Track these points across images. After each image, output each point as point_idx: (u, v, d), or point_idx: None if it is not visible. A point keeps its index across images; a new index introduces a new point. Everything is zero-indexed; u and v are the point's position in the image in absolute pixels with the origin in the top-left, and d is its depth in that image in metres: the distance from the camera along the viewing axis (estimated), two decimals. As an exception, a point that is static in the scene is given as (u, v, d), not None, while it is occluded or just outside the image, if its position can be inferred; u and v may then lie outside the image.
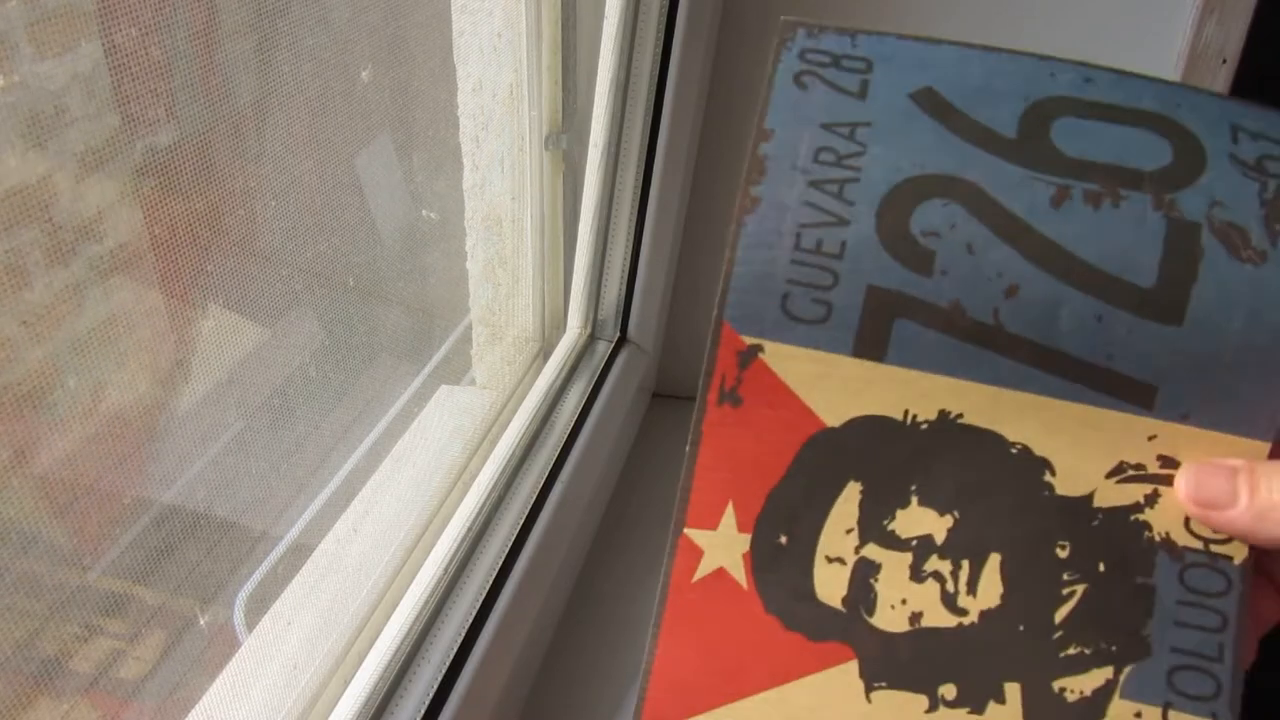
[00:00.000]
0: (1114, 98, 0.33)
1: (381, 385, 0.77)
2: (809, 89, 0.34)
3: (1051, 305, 0.31)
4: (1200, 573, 0.32)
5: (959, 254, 0.32)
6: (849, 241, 0.32)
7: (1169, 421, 0.32)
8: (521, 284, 0.84)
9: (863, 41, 0.35)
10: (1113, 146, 0.33)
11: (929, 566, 0.32)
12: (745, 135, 0.31)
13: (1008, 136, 0.33)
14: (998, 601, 0.32)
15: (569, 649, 0.69)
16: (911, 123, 0.33)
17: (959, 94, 0.33)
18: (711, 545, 0.32)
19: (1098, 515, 0.32)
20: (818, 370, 0.32)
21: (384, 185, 0.72)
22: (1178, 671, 0.31)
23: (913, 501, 0.32)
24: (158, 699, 0.57)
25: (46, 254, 0.42)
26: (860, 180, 0.32)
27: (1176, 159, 0.32)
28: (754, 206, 0.32)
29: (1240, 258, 0.31)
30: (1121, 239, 0.32)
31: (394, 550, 0.64)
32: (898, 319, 0.32)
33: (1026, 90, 0.33)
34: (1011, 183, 0.32)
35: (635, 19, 0.76)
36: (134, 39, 0.42)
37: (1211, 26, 0.81)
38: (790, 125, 0.34)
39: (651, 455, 0.91)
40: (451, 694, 0.54)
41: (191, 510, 0.55)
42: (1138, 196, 0.32)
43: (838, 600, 0.32)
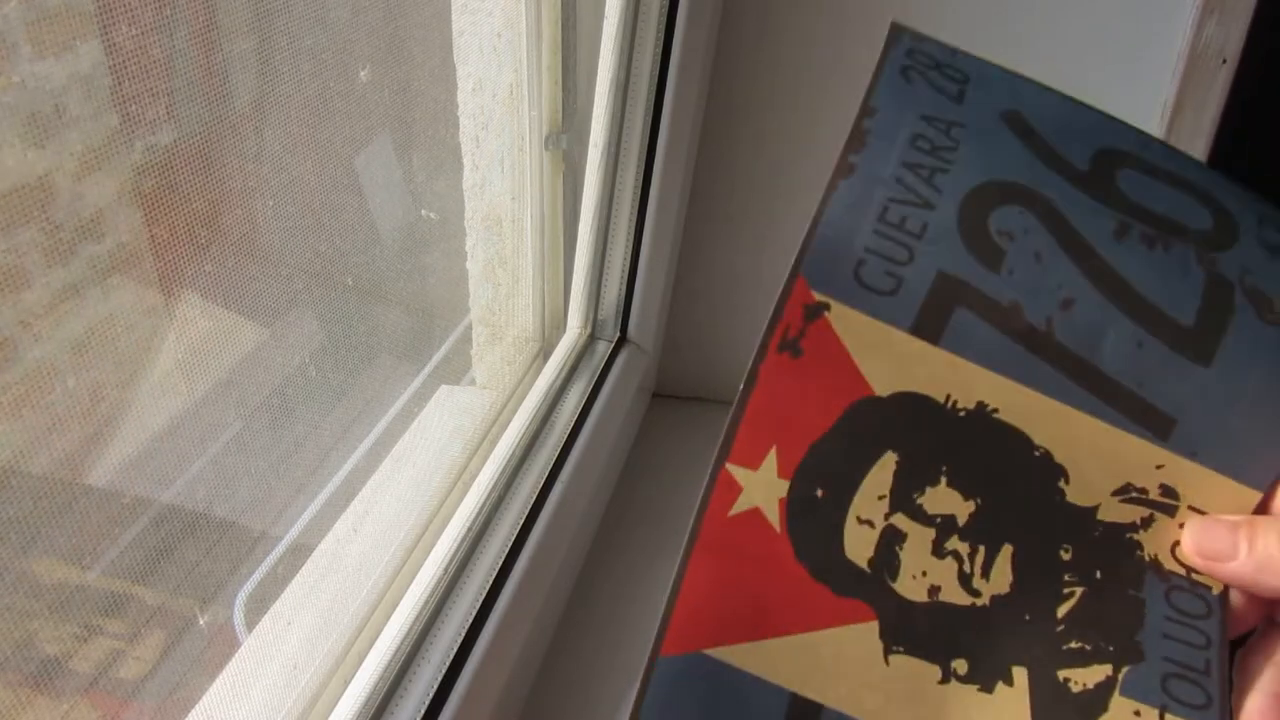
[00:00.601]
0: (1168, 165, 0.37)
1: (381, 385, 0.77)
2: (913, 83, 0.37)
3: (1100, 325, 0.33)
4: (1183, 596, 0.33)
5: (1028, 259, 0.34)
6: (930, 224, 0.34)
7: (1178, 455, 0.34)
8: (521, 284, 0.84)
9: (961, 58, 0.38)
10: (1166, 202, 0.36)
11: (950, 545, 0.33)
12: (745, 135, 0.31)
13: (1081, 169, 0.35)
14: (1007, 589, 0.33)
15: (569, 649, 0.69)
16: (1000, 135, 0.36)
17: (1042, 124, 0.36)
18: (750, 484, 0.33)
19: (1099, 527, 0.34)
20: (875, 339, 0.33)
21: (384, 185, 0.72)
22: (1170, 679, 0.32)
23: (942, 482, 0.33)
24: (158, 699, 0.57)
25: (45, 254, 0.42)
26: (950, 172, 0.34)
27: (1215, 227, 0.35)
28: (850, 172, 0.34)
29: (1264, 320, 0.34)
30: (1169, 279, 0.34)
31: (394, 550, 0.64)
32: (959, 307, 0.33)
33: (1098, 137, 0.37)
34: (1082, 208, 0.34)
35: (635, 19, 0.76)
36: (134, 38, 0.42)
37: (1211, 26, 0.81)
38: (894, 108, 0.36)
39: (651, 455, 0.91)
40: (451, 694, 0.54)
41: (191, 510, 0.55)
42: (1184, 248, 0.35)
43: (864, 561, 0.33)
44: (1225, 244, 0.35)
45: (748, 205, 0.92)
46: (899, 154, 0.34)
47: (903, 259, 0.34)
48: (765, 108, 0.88)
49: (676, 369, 0.99)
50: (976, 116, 0.36)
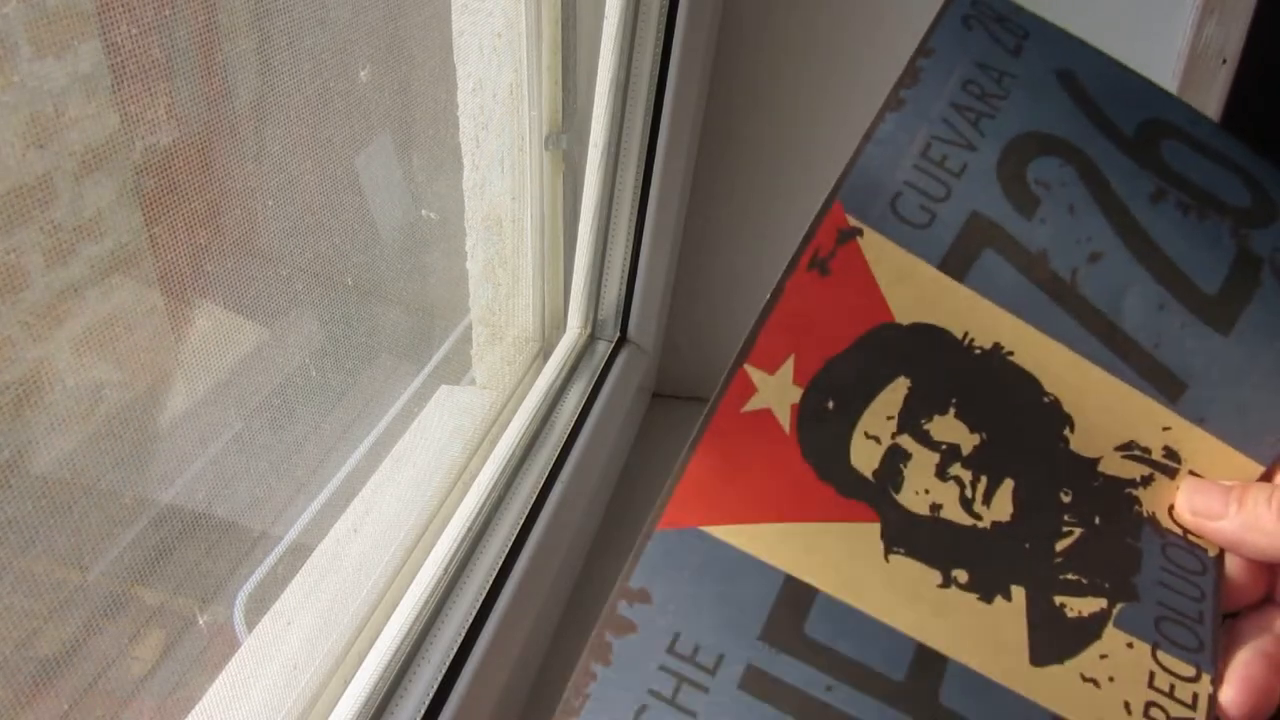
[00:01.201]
0: (1214, 142, 0.37)
1: (381, 385, 0.77)
2: (973, 30, 0.37)
3: (1124, 282, 0.34)
4: (1179, 552, 0.34)
5: (1061, 210, 0.34)
6: (970, 165, 0.35)
7: (1186, 419, 0.34)
8: (521, 284, 0.84)
9: (1024, 15, 0.38)
10: (1207, 176, 0.36)
11: (953, 471, 0.34)
12: (745, 135, 0.32)
13: (1127, 134, 0.36)
14: (1008, 519, 0.34)
15: (569, 649, 0.69)
16: (1051, 91, 0.36)
17: (1095, 87, 0.37)
18: (766, 386, 0.33)
19: (1099, 478, 0.34)
20: (903, 269, 0.34)
21: (384, 185, 0.72)
22: (1164, 621, 0.33)
23: (950, 412, 0.34)
24: (158, 699, 0.57)
25: (45, 254, 0.42)
26: (996, 118, 0.35)
27: (1253, 205, 0.36)
28: (899, 106, 0.35)
29: None
30: (1199, 246, 0.35)
31: (394, 550, 0.64)
32: (988, 249, 0.34)
33: (1149, 107, 0.37)
34: (1122, 169, 0.35)
35: (635, 19, 0.76)
36: (134, 38, 0.42)
37: (1211, 26, 0.81)
38: (950, 51, 0.36)
39: (651, 455, 0.91)
40: (451, 694, 0.54)
41: (191, 510, 0.55)
42: (1219, 220, 0.35)
43: (869, 472, 0.33)
44: (1261, 222, 0.36)
45: (748, 205, 0.92)
46: (949, 94, 0.35)
47: (939, 195, 0.34)
48: (765, 108, 0.88)
49: (676, 369, 0.99)
50: (1030, 70, 0.36)
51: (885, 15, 0.83)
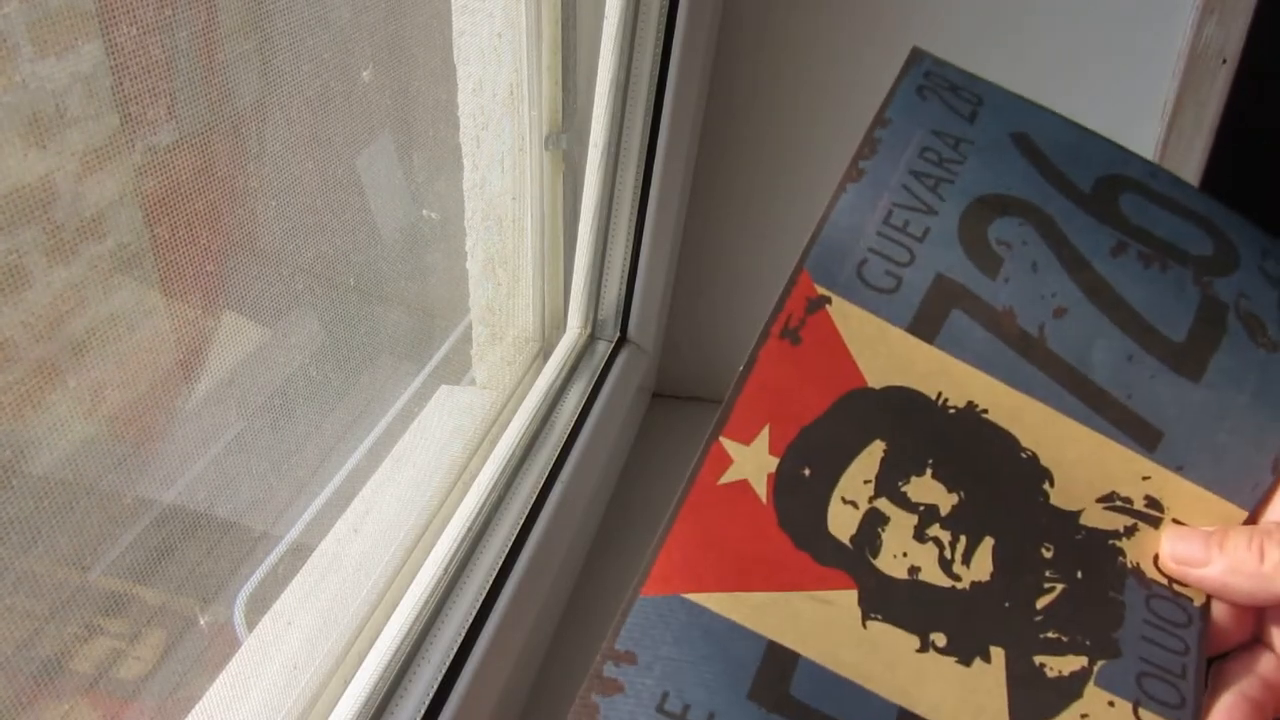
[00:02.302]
0: (1173, 194, 0.38)
1: (382, 385, 0.77)
2: (928, 99, 0.38)
3: (1091, 335, 0.35)
4: (1164, 604, 0.34)
5: (1024, 268, 0.35)
6: (932, 229, 0.35)
7: (1165, 468, 0.35)
8: (521, 284, 0.84)
9: (978, 83, 0.39)
10: (1167, 227, 0.37)
11: (931, 532, 0.34)
12: (745, 135, 0.32)
13: (1084, 190, 0.37)
14: (987, 578, 0.34)
15: (569, 649, 0.69)
16: (1007, 154, 0.37)
17: (1051, 147, 0.38)
18: (742, 457, 0.34)
19: (1082, 531, 0.35)
20: (873, 334, 0.35)
21: (384, 185, 0.72)
22: (1146, 677, 0.33)
23: (928, 473, 0.34)
24: (158, 699, 0.57)
25: (46, 253, 0.42)
26: (955, 183, 0.36)
27: (1216, 253, 0.37)
28: (859, 177, 0.36)
29: (1257, 342, 0.35)
30: (1163, 296, 0.35)
31: (394, 550, 0.64)
32: (955, 309, 0.35)
33: (1105, 164, 0.38)
34: (1081, 225, 0.36)
35: (635, 19, 0.76)
36: (135, 38, 0.42)
37: (1211, 26, 0.81)
38: (906, 121, 0.37)
39: (651, 455, 0.91)
40: (451, 694, 0.54)
41: (192, 510, 0.55)
42: (1181, 270, 0.36)
43: (846, 537, 0.34)
44: (1224, 270, 0.36)
45: (748, 205, 0.92)
46: (907, 162, 0.36)
47: (904, 260, 0.35)
48: (765, 108, 0.88)
49: (676, 369, 0.99)
50: (986, 135, 0.37)
51: (885, 15, 0.83)
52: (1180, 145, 0.85)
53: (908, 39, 0.86)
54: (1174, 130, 0.85)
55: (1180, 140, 0.85)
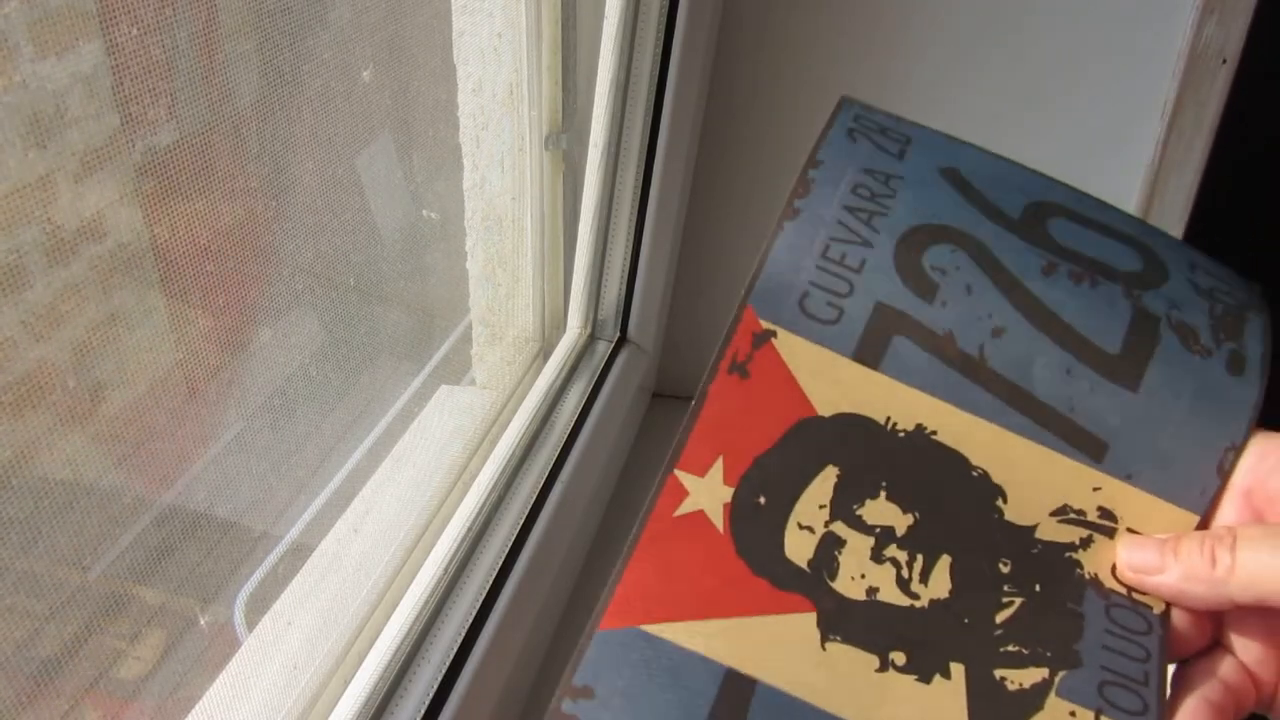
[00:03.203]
0: (1098, 216, 0.39)
1: (382, 385, 0.77)
2: (858, 142, 0.39)
3: (1030, 352, 0.36)
4: (1123, 613, 0.35)
5: (959, 291, 0.36)
6: (868, 260, 0.36)
7: (1114, 477, 0.35)
8: (521, 284, 0.84)
9: (905, 125, 0.40)
10: (1095, 248, 0.38)
11: (888, 553, 0.34)
12: (745, 135, 0.33)
13: (1013, 216, 0.38)
14: (946, 595, 0.34)
15: (569, 649, 0.69)
16: (936, 186, 0.38)
17: (978, 179, 0.39)
18: (697, 489, 0.34)
19: (1038, 545, 0.35)
20: (819, 364, 0.35)
21: (384, 185, 0.72)
22: (1108, 685, 0.33)
23: (881, 495, 0.35)
24: (158, 699, 0.57)
25: (47, 253, 0.42)
26: (887, 215, 0.37)
27: (1145, 269, 0.38)
28: (795, 215, 0.37)
29: (1190, 350, 0.36)
30: (1096, 310, 0.36)
31: (394, 550, 0.64)
32: (897, 335, 0.36)
33: (1031, 191, 0.39)
34: (1011, 248, 0.37)
35: (635, 19, 0.76)
36: (135, 39, 0.42)
37: (1211, 26, 0.81)
38: (837, 161, 0.38)
39: (651, 455, 0.91)
40: (451, 694, 0.54)
41: (192, 510, 0.55)
42: (1112, 285, 0.37)
43: (804, 562, 0.34)
44: (1154, 284, 0.37)
45: (748, 205, 0.92)
46: (840, 199, 0.37)
47: (844, 291, 0.36)
48: (765, 108, 0.88)
49: (676, 369, 0.99)
50: (915, 171, 0.38)
51: (884, 16, 0.83)
52: (1180, 145, 0.85)
53: (908, 39, 0.86)
54: (1174, 130, 0.85)
55: (1180, 140, 0.85)
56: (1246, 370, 0.36)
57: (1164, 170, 0.86)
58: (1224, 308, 0.37)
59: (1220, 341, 0.36)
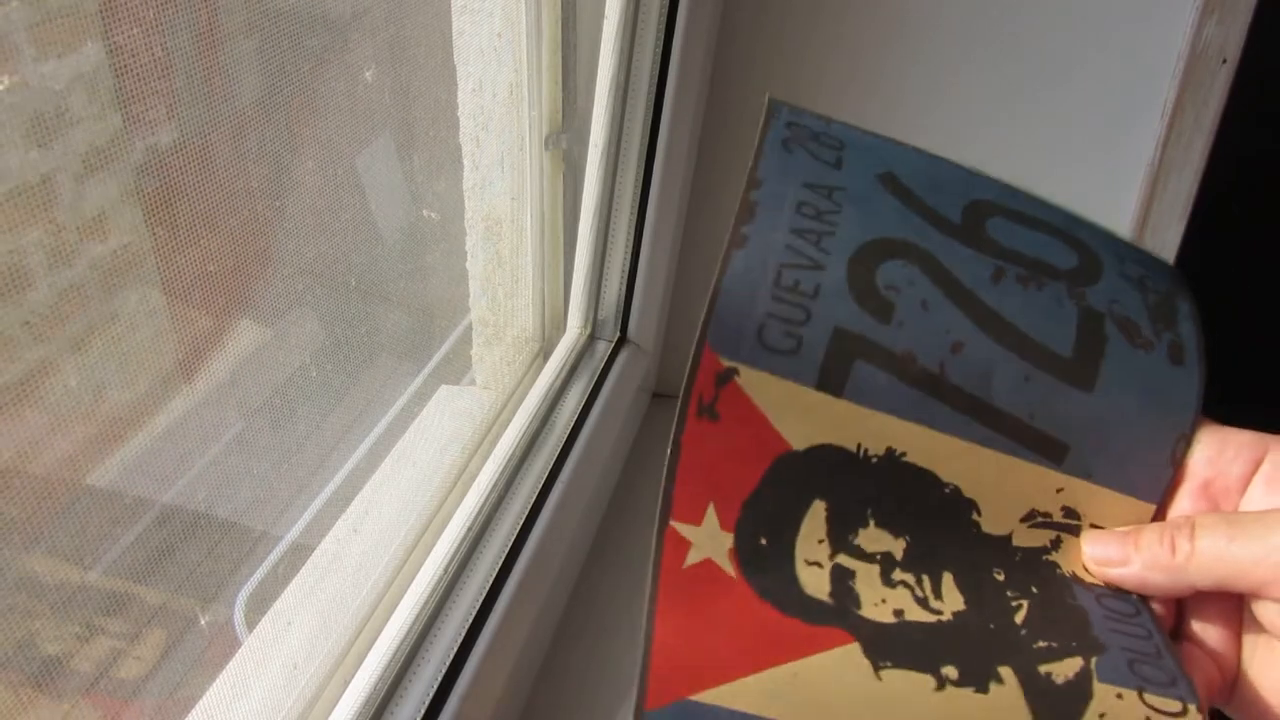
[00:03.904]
0: (1031, 211, 0.39)
1: (382, 385, 0.77)
2: (794, 153, 0.38)
3: (988, 363, 0.36)
4: (1111, 600, 0.35)
5: (915, 308, 0.36)
6: (823, 285, 0.35)
7: (1074, 477, 0.36)
8: (521, 284, 0.84)
9: (836, 127, 0.40)
10: (1033, 245, 0.38)
11: (896, 576, 0.35)
12: (745, 135, 0.32)
13: (954, 221, 0.38)
14: (963, 606, 0.35)
15: (569, 649, 0.69)
16: (878, 196, 0.38)
17: (915, 183, 0.38)
18: (698, 538, 0.34)
19: (1018, 553, 0.36)
20: (785, 397, 0.35)
21: (385, 185, 0.72)
22: (1135, 663, 0.34)
23: (871, 523, 0.35)
24: (158, 699, 0.57)
25: (48, 253, 0.42)
26: (835, 235, 0.36)
27: (1080, 264, 0.38)
28: (743, 243, 0.36)
29: (1134, 344, 0.37)
30: (1045, 315, 0.36)
31: (394, 550, 0.64)
32: (858, 360, 0.35)
33: (965, 191, 0.39)
34: (960, 257, 0.37)
35: (635, 19, 0.76)
36: (136, 39, 0.42)
37: (1211, 26, 0.81)
38: (778, 179, 0.37)
39: (651, 455, 0.91)
40: (451, 694, 0.54)
41: (192, 510, 0.55)
42: (1056, 285, 0.37)
43: (825, 594, 0.34)
44: (1092, 279, 0.38)
45: (748, 205, 0.92)
46: (786, 222, 0.36)
47: (800, 319, 0.35)
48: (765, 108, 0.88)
49: (676, 369, 0.99)
50: (854, 180, 0.38)
51: (883, 15, 0.83)
52: (1180, 145, 0.85)
53: (906, 38, 0.86)
54: (1174, 130, 0.85)
55: (1180, 140, 0.85)
56: (1186, 359, 0.37)
57: (1164, 170, 0.86)
58: (1155, 297, 0.38)
59: (1159, 333, 0.37)
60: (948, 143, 0.88)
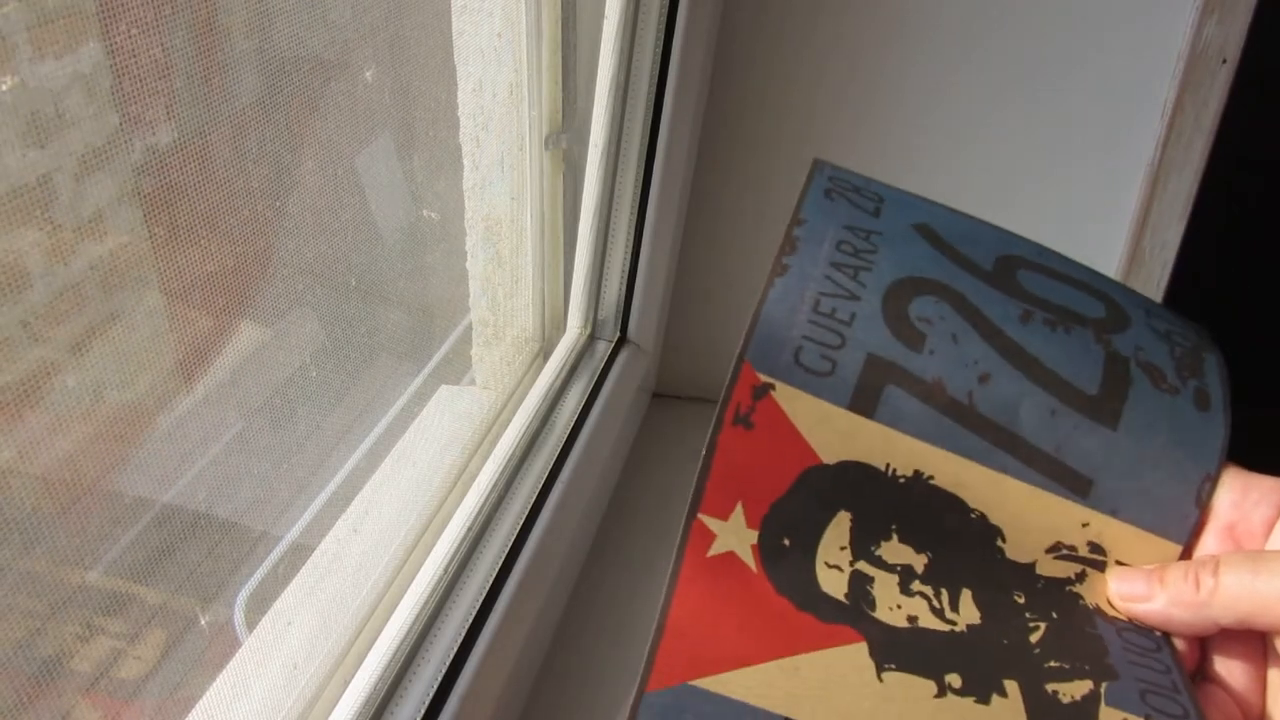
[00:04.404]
0: (1060, 268, 0.41)
1: (382, 385, 0.77)
2: (835, 200, 0.41)
3: (1016, 396, 0.37)
4: (1132, 635, 0.36)
5: (945, 340, 0.37)
6: (858, 314, 0.37)
7: (1101, 513, 0.37)
8: (521, 284, 0.84)
9: (875, 184, 0.42)
10: (1062, 295, 0.40)
11: (914, 587, 0.36)
12: (745, 135, 0.34)
13: (986, 269, 0.40)
14: (979, 621, 0.35)
15: (569, 649, 0.69)
16: (913, 241, 0.40)
17: (950, 234, 0.41)
18: (724, 531, 0.35)
19: (1040, 580, 0.37)
20: (818, 414, 0.37)
21: (385, 185, 0.72)
22: (1148, 694, 0.34)
23: (894, 537, 0.36)
24: (158, 699, 0.57)
25: (46, 253, 0.42)
26: (872, 270, 0.38)
27: (1108, 315, 0.40)
28: (784, 272, 0.38)
29: (1160, 388, 0.38)
30: (1072, 355, 0.38)
31: (394, 550, 0.64)
32: (889, 385, 0.37)
33: (998, 246, 0.41)
34: (989, 298, 0.39)
35: (635, 19, 0.76)
36: (134, 38, 0.42)
37: (1211, 26, 0.81)
38: (819, 219, 0.40)
39: (651, 455, 0.91)
40: (451, 694, 0.54)
41: (192, 510, 0.55)
42: (1083, 330, 0.39)
43: (841, 595, 0.35)
44: (1119, 329, 0.39)
45: (748, 205, 0.92)
46: (826, 255, 0.38)
47: (836, 344, 0.37)
48: (765, 108, 0.88)
49: (676, 369, 0.99)
50: (891, 227, 0.40)
51: (883, 15, 0.83)
52: (1180, 145, 0.85)
53: (907, 40, 0.86)
54: (1174, 130, 0.85)
55: (1180, 140, 0.85)
56: (1211, 405, 0.38)
57: (1164, 170, 0.86)
58: (1181, 349, 0.39)
59: (1185, 379, 0.38)
60: (948, 142, 0.89)
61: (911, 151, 0.88)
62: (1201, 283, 1.11)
